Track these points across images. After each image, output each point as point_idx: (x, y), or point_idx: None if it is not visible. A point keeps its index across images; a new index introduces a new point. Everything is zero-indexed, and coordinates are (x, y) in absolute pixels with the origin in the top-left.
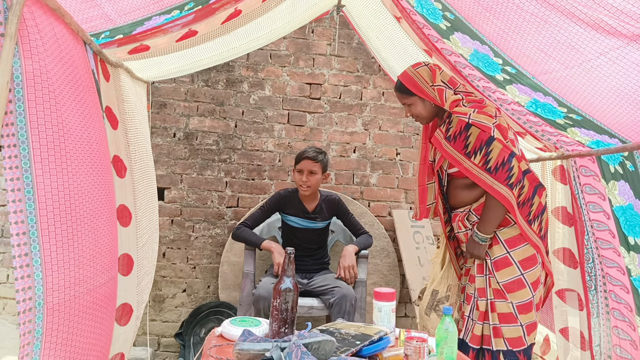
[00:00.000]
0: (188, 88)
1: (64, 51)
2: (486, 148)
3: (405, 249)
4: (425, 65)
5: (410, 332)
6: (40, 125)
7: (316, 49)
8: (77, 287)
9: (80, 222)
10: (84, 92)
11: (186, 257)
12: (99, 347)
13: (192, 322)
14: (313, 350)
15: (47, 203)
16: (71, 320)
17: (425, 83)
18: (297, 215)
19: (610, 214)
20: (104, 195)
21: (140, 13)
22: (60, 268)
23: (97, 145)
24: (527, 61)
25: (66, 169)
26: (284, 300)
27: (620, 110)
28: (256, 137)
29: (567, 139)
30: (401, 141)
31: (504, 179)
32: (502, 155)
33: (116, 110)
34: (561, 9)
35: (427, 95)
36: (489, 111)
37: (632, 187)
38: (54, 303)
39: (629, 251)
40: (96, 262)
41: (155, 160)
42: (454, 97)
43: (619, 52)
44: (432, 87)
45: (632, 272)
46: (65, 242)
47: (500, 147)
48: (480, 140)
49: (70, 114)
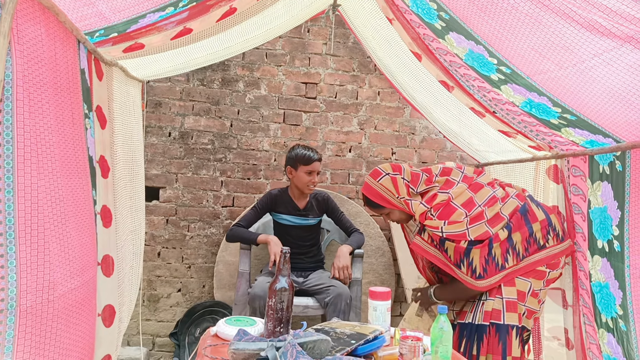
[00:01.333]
0: (183, 87)
1: (53, 50)
2: (467, 259)
3: (401, 248)
4: (386, 175)
5: (405, 331)
6: (26, 125)
7: (312, 49)
8: (51, 290)
9: (50, 226)
10: (66, 93)
11: (181, 257)
12: (77, 351)
13: (187, 322)
14: (308, 349)
15: (27, 204)
16: (45, 324)
17: (392, 195)
18: (289, 213)
19: (586, 216)
20: (77, 198)
21: (135, 10)
22: (34, 270)
23: (72, 148)
24: (522, 61)
25: (44, 171)
26: (280, 299)
27: (614, 110)
28: (252, 137)
29: (562, 138)
30: (397, 141)
31: (489, 277)
32: (482, 258)
33: (106, 109)
34: (555, 9)
35: (396, 206)
36: (457, 217)
37: (614, 188)
38: (27, 306)
39: (593, 255)
40: (70, 266)
41: (150, 159)
42: (421, 209)
43: (613, 54)
44: (399, 199)
45: (592, 277)
46: (41, 244)
47: (478, 252)
48: (458, 253)
49: (50, 115)
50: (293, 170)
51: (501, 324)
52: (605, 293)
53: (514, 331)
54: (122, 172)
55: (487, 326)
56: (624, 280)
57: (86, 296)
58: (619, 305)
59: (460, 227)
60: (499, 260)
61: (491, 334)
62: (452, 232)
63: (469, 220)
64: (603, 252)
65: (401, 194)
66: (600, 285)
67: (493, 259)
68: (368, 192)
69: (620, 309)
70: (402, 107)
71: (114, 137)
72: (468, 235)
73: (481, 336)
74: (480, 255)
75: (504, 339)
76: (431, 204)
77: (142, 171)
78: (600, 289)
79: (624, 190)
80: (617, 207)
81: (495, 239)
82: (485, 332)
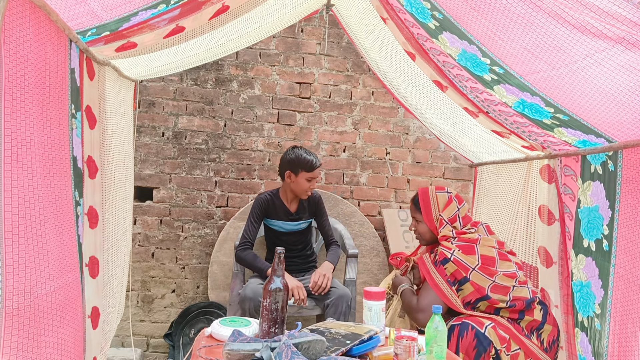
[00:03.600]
0: (177, 87)
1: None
2: (458, 285)
3: (395, 248)
4: (447, 193)
5: (400, 331)
6: (13, 126)
7: (306, 48)
8: (33, 292)
9: (32, 227)
10: (52, 93)
11: (175, 257)
12: (64, 352)
13: (182, 323)
14: (303, 350)
15: (13, 206)
16: (30, 325)
17: (436, 208)
18: (280, 219)
19: (574, 215)
20: (57, 200)
21: (127, 8)
22: (21, 272)
23: (55, 148)
24: (515, 61)
25: (26, 172)
26: (274, 300)
27: (606, 110)
28: (246, 137)
29: (554, 138)
30: (391, 140)
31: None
32: (471, 297)
33: (96, 109)
34: (547, 10)
35: (430, 220)
36: (472, 259)
37: (606, 188)
38: (13, 307)
39: (577, 254)
40: (49, 268)
41: (143, 159)
42: (446, 232)
43: (605, 54)
44: (437, 215)
45: (574, 276)
46: (25, 246)
47: (471, 289)
48: (454, 277)
49: (35, 115)
50: (293, 174)
51: (482, 333)
52: (586, 292)
53: None
54: (113, 172)
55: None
56: (608, 279)
57: (68, 298)
58: (598, 304)
59: (470, 262)
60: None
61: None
62: (460, 259)
63: (479, 267)
64: (589, 251)
65: (444, 214)
66: (582, 284)
67: (473, 308)
68: (422, 194)
69: (598, 308)
70: (396, 107)
71: (104, 137)
72: (469, 274)
73: (462, 332)
74: (471, 292)
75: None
76: (458, 235)
77: (131, 172)
78: (580, 288)
79: (615, 189)
80: (608, 207)
81: (488, 298)
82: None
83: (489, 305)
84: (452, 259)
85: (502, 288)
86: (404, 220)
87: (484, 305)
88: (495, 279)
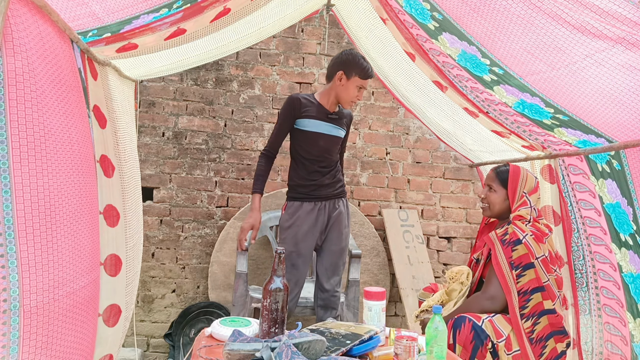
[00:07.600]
0: (177, 87)
1: (49, 50)
2: (521, 270)
3: (395, 248)
4: (536, 179)
5: (400, 331)
6: (20, 125)
7: (306, 48)
8: (57, 289)
9: (60, 224)
10: (68, 92)
11: (175, 257)
12: (80, 351)
13: (182, 323)
14: (303, 350)
15: (26, 204)
16: (50, 323)
17: (522, 185)
18: (317, 119)
19: (601, 211)
20: (85, 197)
21: (129, 12)
22: (38, 270)
23: (79, 146)
24: (515, 62)
25: (47, 170)
26: (274, 300)
27: (606, 110)
28: (246, 137)
29: (555, 138)
30: (391, 141)
31: (520, 305)
32: (529, 285)
33: (105, 109)
34: (547, 11)
35: (513, 190)
36: (539, 246)
37: (619, 186)
38: (31, 306)
39: (620, 248)
40: (76, 265)
41: (144, 159)
42: (524, 212)
43: (605, 54)
44: (521, 191)
45: (623, 269)
46: (44, 244)
47: (533, 276)
48: (520, 260)
49: (53, 113)
50: (344, 77)
51: (479, 326)
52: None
53: (489, 343)
54: (130, 170)
55: (465, 318)
56: None
57: (92, 295)
58: None
59: (537, 251)
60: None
61: (467, 327)
62: (530, 244)
63: (543, 259)
64: (628, 245)
65: (527, 190)
66: (633, 275)
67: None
68: (514, 169)
69: None
70: (396, 107)
71: (118, 136)
72: (535, 261)
73: (459, 325)
74: (528, 281)
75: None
76: (535, 219)
77: (138, 172)
78: (633, 279)
79: (628, 188)
80: (627, 204)
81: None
82: (464, 322)
83: (539, 302)
84: (524, 242)
85: (552, 292)
86: (404, 220)
87: (537, 299)
88: (550, 279)
